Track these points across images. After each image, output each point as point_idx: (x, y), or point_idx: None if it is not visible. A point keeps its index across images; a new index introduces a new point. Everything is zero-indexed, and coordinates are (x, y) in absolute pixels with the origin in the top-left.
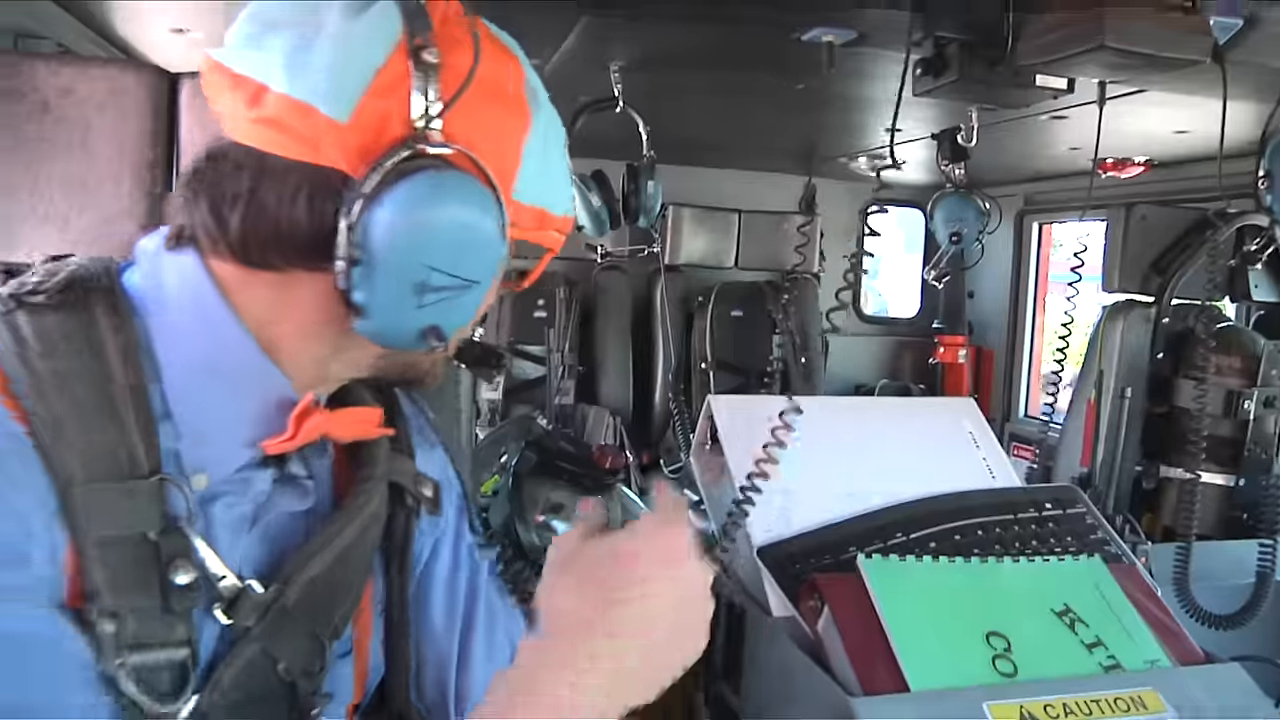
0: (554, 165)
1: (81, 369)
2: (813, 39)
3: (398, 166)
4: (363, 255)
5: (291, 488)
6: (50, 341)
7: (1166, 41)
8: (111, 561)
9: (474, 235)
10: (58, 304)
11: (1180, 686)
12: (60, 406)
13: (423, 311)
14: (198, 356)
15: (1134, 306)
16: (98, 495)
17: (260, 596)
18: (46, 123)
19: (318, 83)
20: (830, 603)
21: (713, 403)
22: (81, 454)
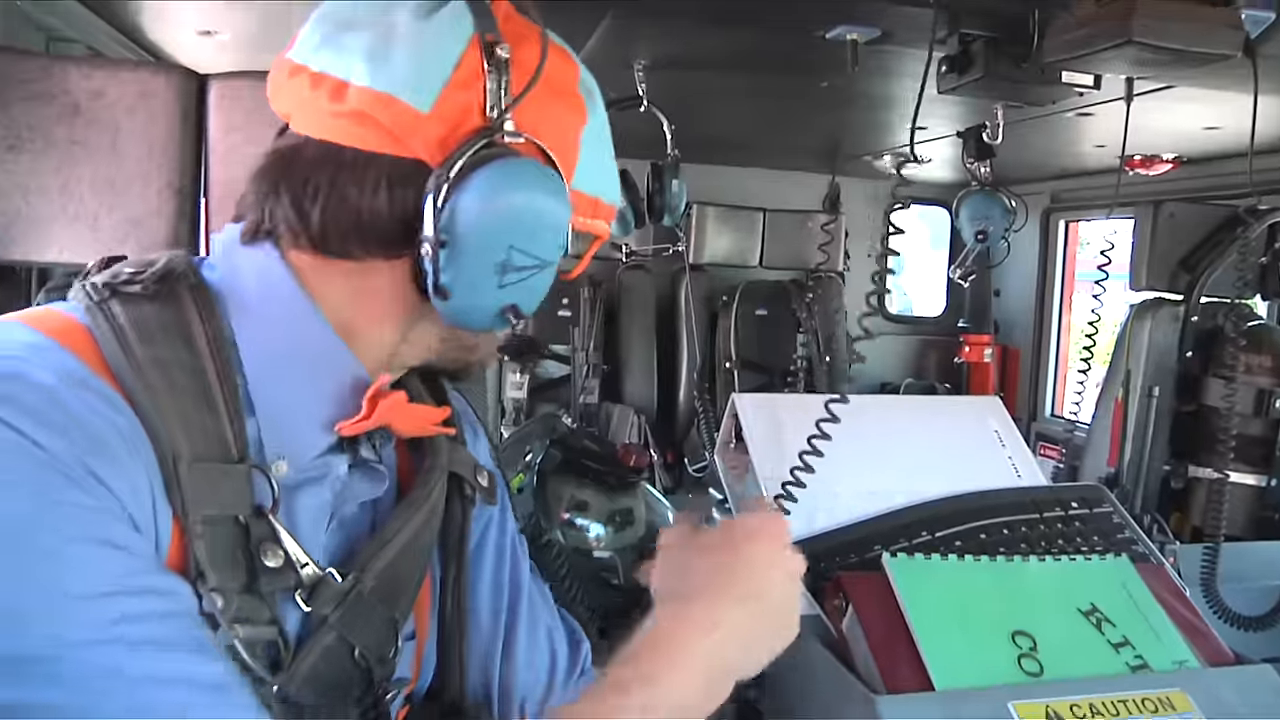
0: (606, 157)
1: (177, 358)
2: (837, 37)
3: (478, 154)
4: (448, 238)
5: (365, 474)
6: (148, 330)
7: (1196, 36)
8: (213, 540)
9: (547, 217)
10: (153, 294)
11: (1209, 687)
12: (162, 389)
13: (503, 291)
14: (277, 345)
15: (1162, 305)
16: (202, 474)
17: (338, 585)
18: (77, 125)
19: (400, 75)
20: (855, 601)
21: (737, 401)
22: (185, 433)
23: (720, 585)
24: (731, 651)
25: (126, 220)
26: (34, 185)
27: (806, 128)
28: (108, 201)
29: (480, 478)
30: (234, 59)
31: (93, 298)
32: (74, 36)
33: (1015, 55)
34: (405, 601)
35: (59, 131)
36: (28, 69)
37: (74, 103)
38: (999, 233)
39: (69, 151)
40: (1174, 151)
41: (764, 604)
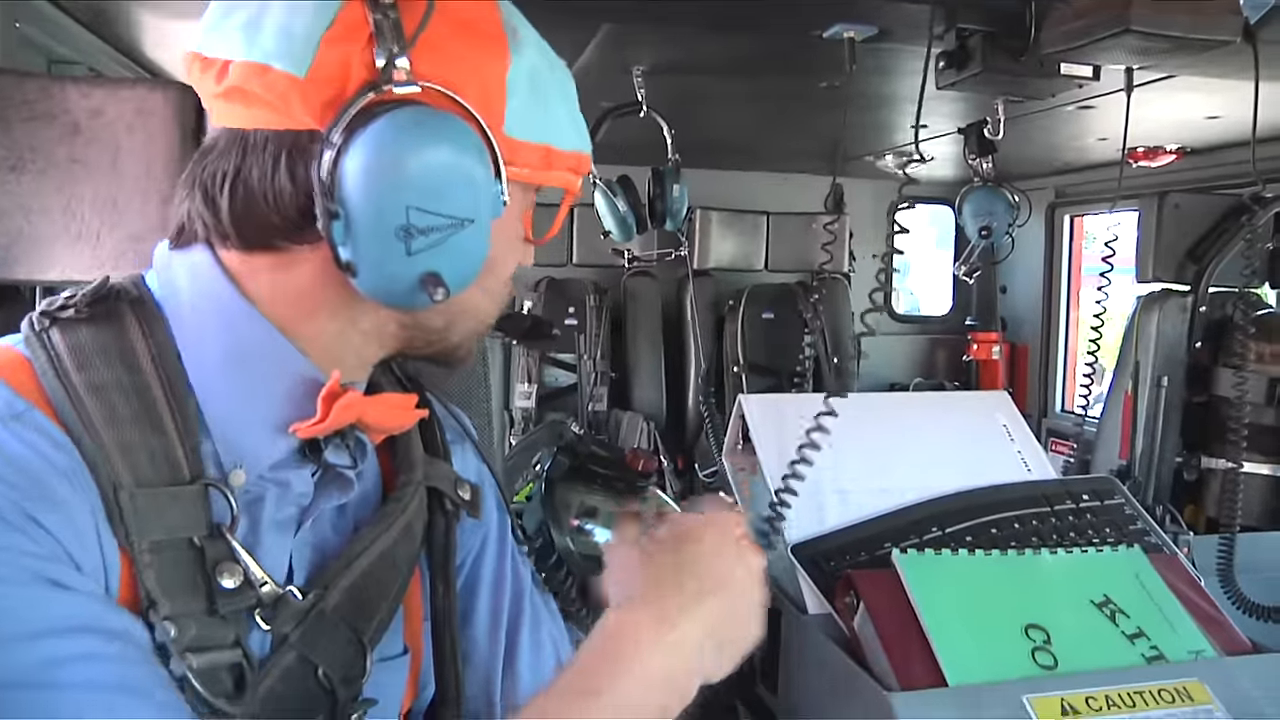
0: (552, 100)
1: (116, 380)
2: (834, 36)
3: (364, 111)
4: (340, 208)
5: (334, 482)
6: (84, 355)
7: (1195, 23)
8: (162, 566)
9: (453, 170)
10: (88, 317)
11: (1227, 677)
12: (99, 417)
13: (415, 259)
14: (219, 350)
15: (1169, 296)
16: (147, 500)
17: (299, 603)
18: (77, 145)
19: (271, 42)
20: (866, 599)
21: (744, 402)
22: (127, 461)
23: (670, 584)
24: (688, 653)
25: (128, 237)
26: (36, 205)
27: (807, 129)
28: (109, 220)
29: (461, 491)
30: None
31: (34, 327)
32: (75, 58)
33: (1013, 49)
34: (377, 620)
35: (60, 151)
36: (29, 90)
37: (74, 122)
38: (1003, 228)
39: (70, 171)
40: (1177, 142)
41: (720, 599)
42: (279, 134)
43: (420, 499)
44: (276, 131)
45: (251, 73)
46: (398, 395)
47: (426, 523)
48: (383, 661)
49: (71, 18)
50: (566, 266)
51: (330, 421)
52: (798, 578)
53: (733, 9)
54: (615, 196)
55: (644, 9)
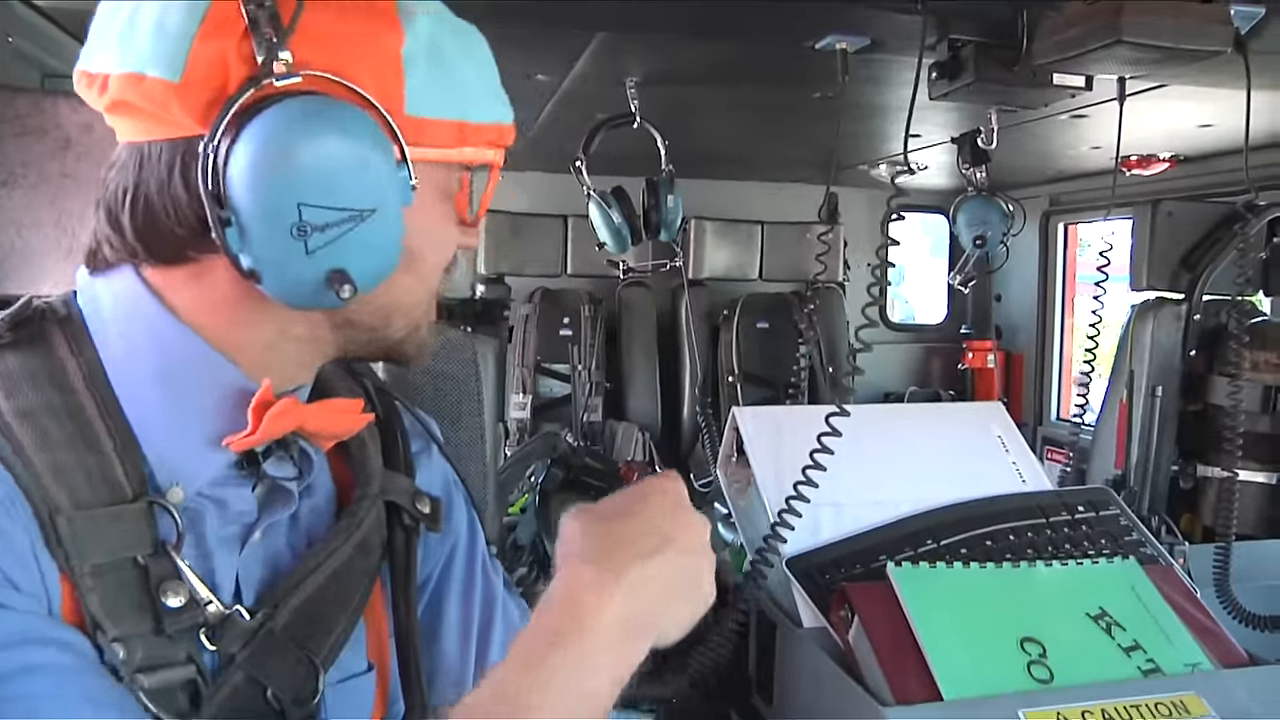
0: (460, 70)
1: (46, 403)
2: (826, 47)
3: (245, 109)
4: (230, 214)
5: (277, 496)
6: (11, 381)
7: (1186, 33)
8: (106, 589)
9: (343, 160)
10: (11, 341)
11: (1224, 689)
12: (30, 443)
13: (316, 256)
14: (147, 367)
15: (1164, 304)
16: (85, 523)
17: (246, 623)
18: (68, 159)
19: (145, 48)
20: (860, 612)
21: (738, 414)
22: (62, 484)
23: (621, 541)
24: (642, 606)
25: None
26: (28, 220)
27: (801, 139)
28: None
29: (420, 505)
30: None
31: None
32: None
33: (1005, 59)
34: (334, 637)
35: (52, 166)
36: (20, 105)
37: (65, 137)
38: (997, 237)
39: (61, 185)
40: (1169, 150)
41: (670, 556)
42: (172, 143)
43: (378, 513)
44: (170, 140)
45: (128, 83)
46: (341, 400)
47: (387, 537)
48: (346, 680)
49: (65, 31)
50: (561, 277)
51: (262, 432)
52: (792, 591)
53: (725, 20)
54: (610, 208)
55: (636, 19)
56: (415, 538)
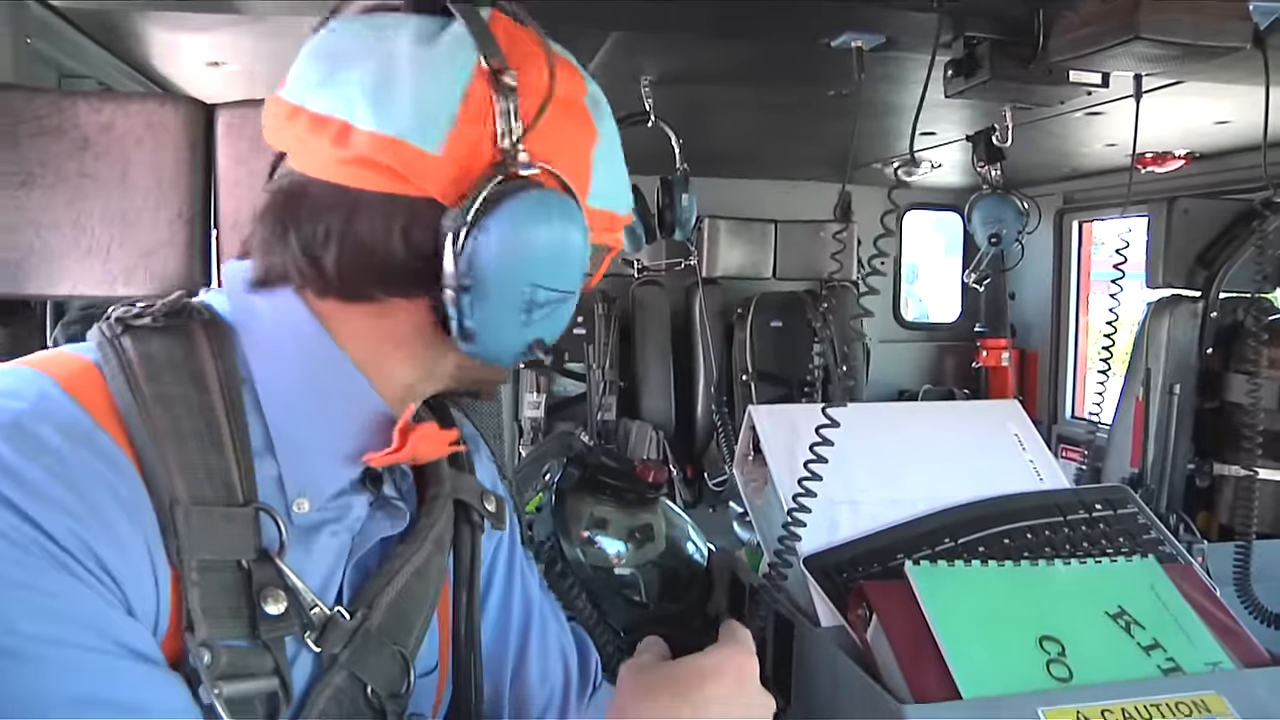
0: (618, 169)
1: (183, 394)
2: (842, 45)
3: (494, 191)
4: (470, 282)
5: (385, 512)
6: (156, 366)
7: (1204, 30)
8: (208, 587)
9: (570, 249)
10: (164, 328)
11: (1245, 689)
12: (164, 429)
13: (529, 328)
14: (296, 379)
15: (1180, 302)
16: (200, 518)
17: (346, 624)
18: (86, 159)
19: (405, 117)
20: (878, 611)
21: (754, 413)
22: (185, 477)
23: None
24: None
25: (138, 252)
26: (46, 220)
27: (815, 137)
28: (119, 234)
29: (487, 503)
30: (243, 89)
31: (105, 334)
32: (85, 72)
33: (1021, 56)
34: (416, 635)
35: (69, 166)
36: (38, 105)
37: (83, 136)
38: (1012, 235)
39: (79, 185)
40: (1185, 147)
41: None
42: (394, 198)
43: (448, 512)
44: (391, 195)
45: (386, 146)
46: (444, 431)
47: (454, 535)
48: (419, 678)
49: (82, 33)
50: None
51: (406, 452)
52: (809, 589)
53: (740, 18)
54: None
55: (652, 18)
56: (480, 535)
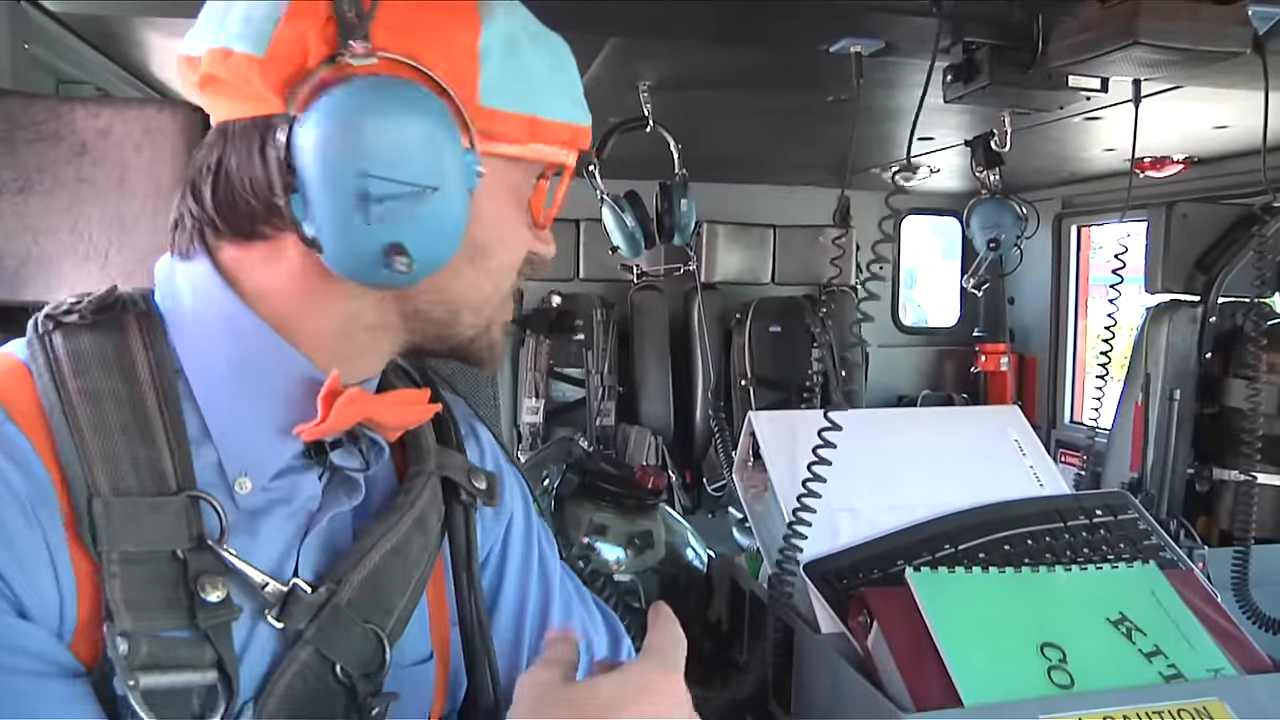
0: (535, 68)
1: (112, 388)
2: (840, 50)
3: (320, 85)
4: (298, 181)
5: (342, 486)
6: (83, 361)
7: (1203, 35)
8: (129, 578)
9: (408, 135)
10: (92, 324)
11: (1247, 695)
12: (88, 423)
13: (376, 229)
14: (223, 360)
15: (1179, 306)
16: (121, 509)
17: (311, 597)
18: (84, 164)
19: (235, 26)
20: (879, 618)
21: (753, 419)
22: (107, 469)
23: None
24: None
25: (136, 257)
26: (44, 226)
27: (814, 142)
28: (117, 240)
29: (476, 480)
30: None
31: (36, 331)
32: (83, 78)
33: (1020, 62)
34: (397, 616)
35: (67, 172)
36: (36, 111)
37: (81, 142)
38: (1011, 240)
39: (77, 191)
40: (1184, 152)
41: None
42: (253, 120)
43: (433, 490)
44: (251, 119)
45: (217, 58)
46: (409, 391)
47: (445, 515)
48: (409, 666)
49: (80, 38)
50: (574, 281)
51: (332, 421)
52: (810, 596)
53: (739, 23)
54: (623, 212)
55: (651, 23)
56: (473, 513)
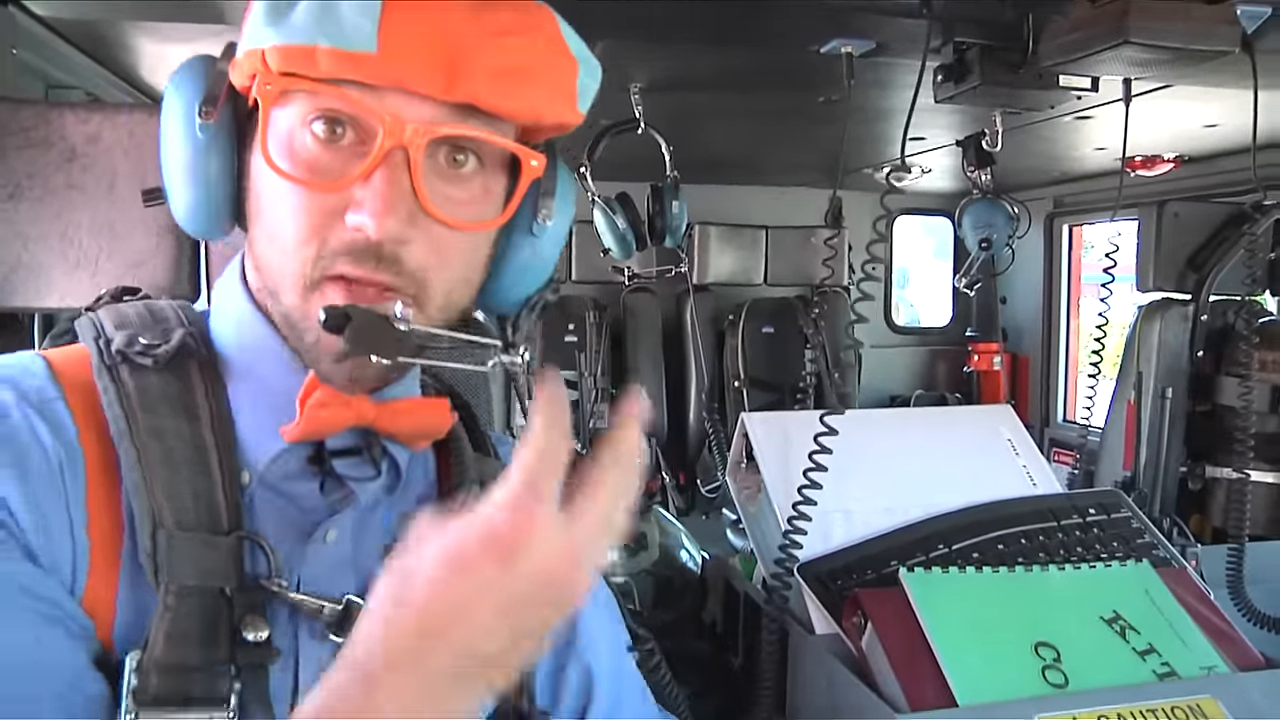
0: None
1: (177, 428)
2: (831, 51)
3: None
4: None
5: (338, 493)
6: (151, 399)
7: (1192, 34)
8: (183, 611)
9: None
10: (161, 368)
11: (1240, 693)
12: (154, 454)
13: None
14: (239, 361)
15: (1171, 305)
16: (182, 544)
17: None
18: (74, 170)
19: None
20: (873, 618)
21: (746, 420)
22: (170, 501)
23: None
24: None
25: (126, 263)
26: (33, 233)
27: (805, 143)
28: (107, 246)
29: None
30: None
31: (104, 359)
32: (72, 83)
33: (1011, 61)
34: None
35: (57, 178)
36: (25, 117)
37: (71, 148)
38: (1003, 240)
39: (67, 197)
40: (1174, 151)
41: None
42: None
43: (476, 498)
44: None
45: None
46: (415, 400)
47: None
48: None
49: (69, 43)
50: (566, 284)
51: (306, 423)
52: (804, 597)
53: (730, 25)
54: (614, 214)
55: (642, 25)
56: None
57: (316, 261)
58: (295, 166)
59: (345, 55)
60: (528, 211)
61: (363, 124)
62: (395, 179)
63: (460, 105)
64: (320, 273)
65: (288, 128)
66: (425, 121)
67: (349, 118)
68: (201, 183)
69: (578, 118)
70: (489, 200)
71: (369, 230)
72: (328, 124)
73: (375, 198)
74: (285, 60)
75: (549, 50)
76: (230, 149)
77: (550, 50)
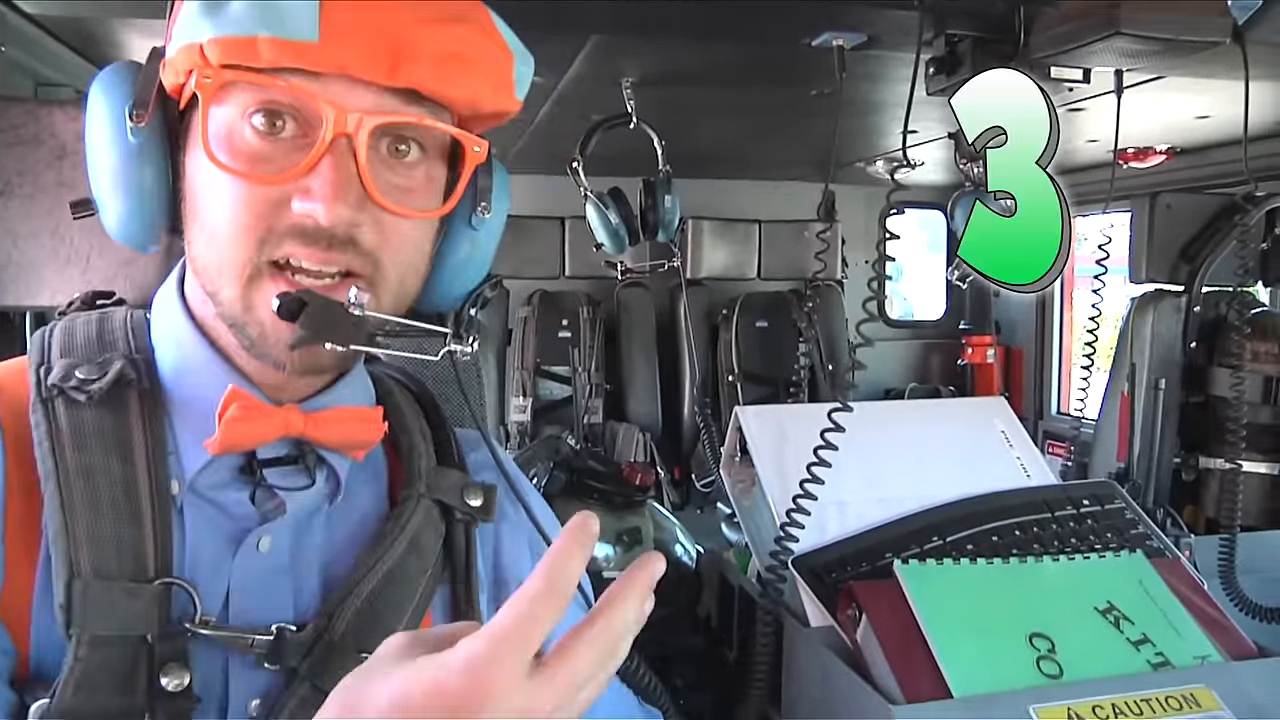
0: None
1: (107, 467)
2: (823, 44)
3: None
4: None
5: (270, 502)
6: (83, 436)
7: (1183, 25)
8: (95, 662)
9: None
10: (98, 401)
11: (1234, 682)
12: (81, 496)
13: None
14: (195, 406)
15: (1163, 296)
16: (98, 593)
17: (299, 636)
18: (64, 168)
19: None
20: (868, 610)
21: (740, 414)
22: (92, 550)
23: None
24: None
25: (117, 261)
26: (24, 230)
27: (798, 137)
28: (98, 244)
29: (470, 498)
30: None
31: (40, 392)
32: (62, 80)
33: (1003, 54)
34: None
35: (47, 175)
36: (14, 114)
37: (61, 145)
38: None
39: (58, 194)
40: (1166, 143)
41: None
42: None
43: (426, 512)
44: None
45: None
46: (345, 409)
47: (445, 535)
48: None
49: (58, 40)
50: (559, 279)
51: (224, 435)
52: (799, 590)
53: (721, 19)
54: (607, 209)
55: (633, 20)
56: (473, 529)
57: (261, 247)
58: (236, 160)
59: (287, 44)
60: (467, 204)
61: (305, 114)
62: (342, 166)
63: (402, 91)
64: (265, 257)
65: (226, 121)
66: (369, 109)
67: (291, 109)
68: (135, 190)
69: (515, 105)
70: (432, 189)
71: (319, 216)
72: (268, 117)
73: (325, 184)
74: (225, 52)
75: (486, 39)
76: (163, 153)
77: (487, 39)
